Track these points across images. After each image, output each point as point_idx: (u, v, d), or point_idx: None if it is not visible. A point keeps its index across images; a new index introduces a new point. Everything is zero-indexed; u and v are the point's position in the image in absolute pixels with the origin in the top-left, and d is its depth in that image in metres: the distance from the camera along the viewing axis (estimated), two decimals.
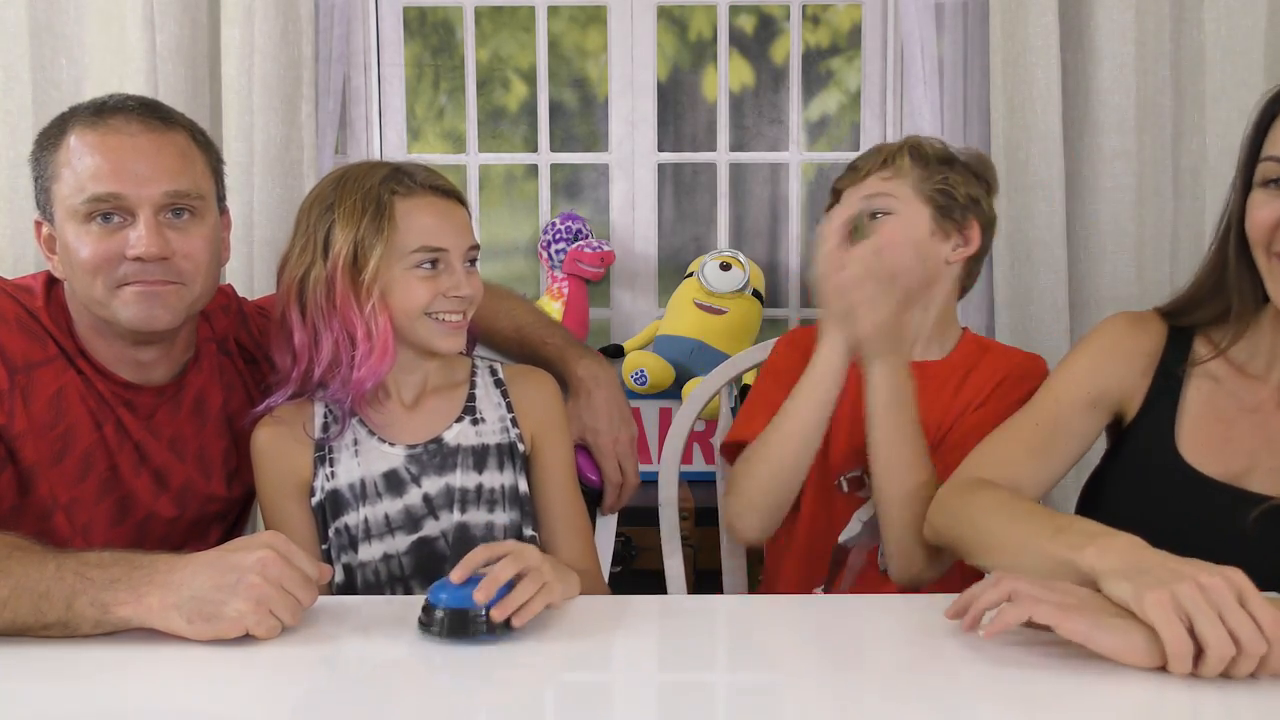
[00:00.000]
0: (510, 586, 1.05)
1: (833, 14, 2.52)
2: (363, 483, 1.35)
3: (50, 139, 1.33)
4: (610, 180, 2.46)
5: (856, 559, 1.50)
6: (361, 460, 1.35)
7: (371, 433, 1.36)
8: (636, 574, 1.45)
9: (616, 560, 1.59)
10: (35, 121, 2.06)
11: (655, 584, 1.65)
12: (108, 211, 1.28)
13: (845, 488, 1.50)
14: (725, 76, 2.44)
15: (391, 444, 1.36)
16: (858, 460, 1.46)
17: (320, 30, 2.19)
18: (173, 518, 1.39)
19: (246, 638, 1.02)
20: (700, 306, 2.26)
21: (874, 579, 1.48)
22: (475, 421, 1.39)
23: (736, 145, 2.48)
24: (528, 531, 1.38)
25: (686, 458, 1.89)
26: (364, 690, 0.95)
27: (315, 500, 1.35)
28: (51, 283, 1.38)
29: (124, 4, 2.09)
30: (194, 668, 0.98)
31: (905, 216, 1.49)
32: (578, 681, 0.98)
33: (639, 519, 1.59)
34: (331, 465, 1.35)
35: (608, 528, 1.59)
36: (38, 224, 1.35)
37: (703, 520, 1.98)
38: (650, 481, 1.65)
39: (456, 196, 1.36)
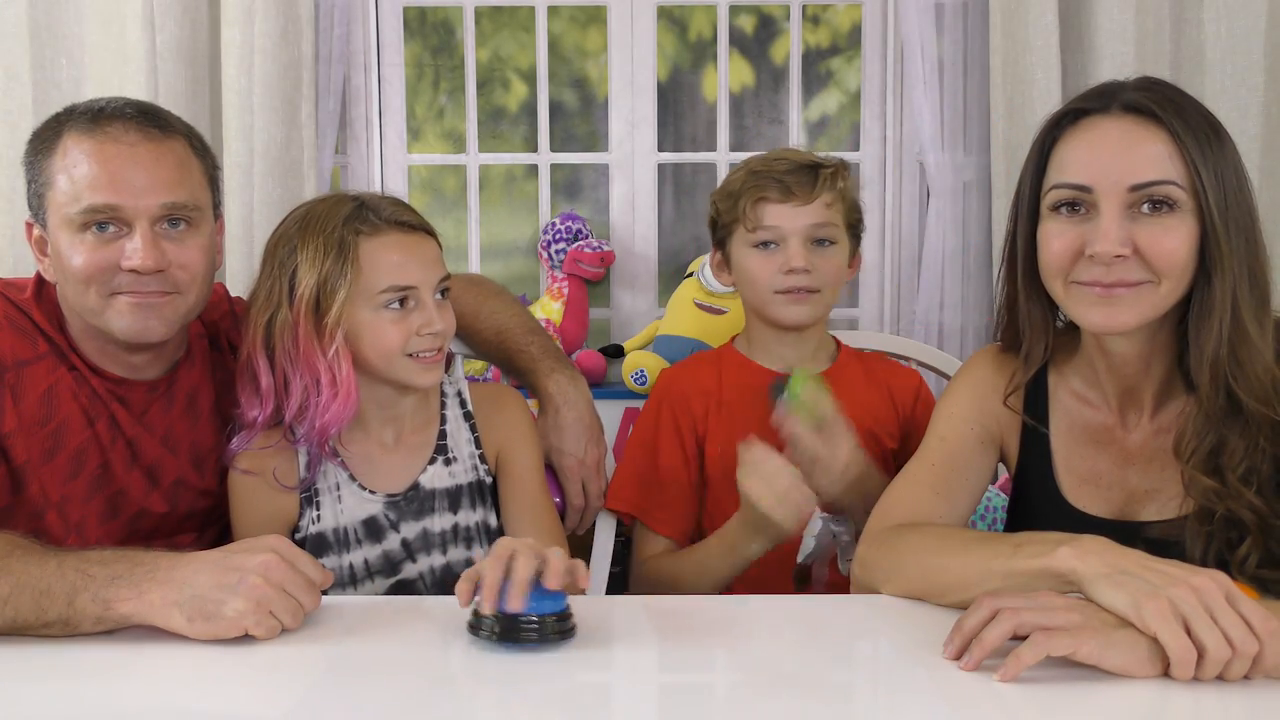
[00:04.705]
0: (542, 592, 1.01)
1: (833, 14, 2.52)
2: (345, 530, 1.35)
3: (45, 142, 1.31)
4: (610, 180, 2.46)
5: (819, 572, 1.50)
6: (344, 507, 1.35)
7: (352, 478, 1.36)
8: None
9: (616, 560, 1.59)
10: (35, 121, 2.02)
11: None
12: (103, 221, 1.27)
13: None
14: (725, 76, 2.45)
15: (372, 491, 1.36)
16: None
17: (320, 30, 2.19)
18: (163, 513, 1.39)
19: (246, 638, 1.02)
20: (700, 306, 2.26)
21: (841, 583, 1.48)
22: (448, 461, 1.39)
23: (736, 145, 2.47)
24: None
25: None
26: (363, 691, 0.95)
27: (299, 538, 1.34)
28: (44, 279, 1.37)
29: (124, 4, 2.10)
30: (194, 668, 0.98)
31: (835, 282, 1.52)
32: (575, 682, 0.98)
33: None
34: (317, 509, 1.35)
35: (607, 528, 1.58)
36: (29, 225, 1.35)
37: None
38: None
39: (424, 229, 1.34)
